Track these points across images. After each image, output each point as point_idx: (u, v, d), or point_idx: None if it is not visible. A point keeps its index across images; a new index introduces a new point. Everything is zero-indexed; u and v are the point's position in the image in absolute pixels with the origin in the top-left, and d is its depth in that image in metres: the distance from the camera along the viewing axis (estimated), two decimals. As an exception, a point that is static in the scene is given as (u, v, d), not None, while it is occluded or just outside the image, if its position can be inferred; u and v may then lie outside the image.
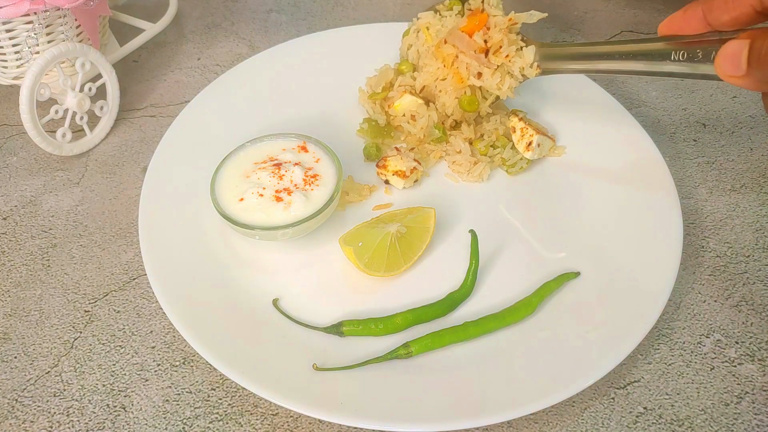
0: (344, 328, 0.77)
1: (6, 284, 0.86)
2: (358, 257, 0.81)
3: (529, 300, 0.79)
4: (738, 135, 1.06)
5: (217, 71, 1.18)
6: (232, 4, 1.35)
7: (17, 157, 1.02)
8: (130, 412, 0.73)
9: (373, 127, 0.99)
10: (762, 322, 0.81)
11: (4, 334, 0.81)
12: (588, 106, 1.02)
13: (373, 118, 1.00)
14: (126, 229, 0.92)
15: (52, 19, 0.94)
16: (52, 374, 0.77)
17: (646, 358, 0.78)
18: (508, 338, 0.77)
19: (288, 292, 0.82)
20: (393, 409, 0.69)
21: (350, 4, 1.35)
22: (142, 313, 0.83)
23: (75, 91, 0.99)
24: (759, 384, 0.76)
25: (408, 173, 0.93)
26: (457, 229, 0.89)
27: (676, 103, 1.12)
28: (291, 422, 0.72)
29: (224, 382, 0.76)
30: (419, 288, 0.82)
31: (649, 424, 0.72)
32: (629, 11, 1.32)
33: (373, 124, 1.00)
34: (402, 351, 0.74)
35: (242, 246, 0.87)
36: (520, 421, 0.72)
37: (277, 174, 0.85)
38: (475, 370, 0.74)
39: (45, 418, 0.73)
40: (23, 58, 0.96)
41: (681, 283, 0.85)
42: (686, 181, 0.98)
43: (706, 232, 0.92)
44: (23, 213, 0.94)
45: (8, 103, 1.11)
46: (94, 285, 0.86)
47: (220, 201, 0.83)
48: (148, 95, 1.14)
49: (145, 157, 1.02)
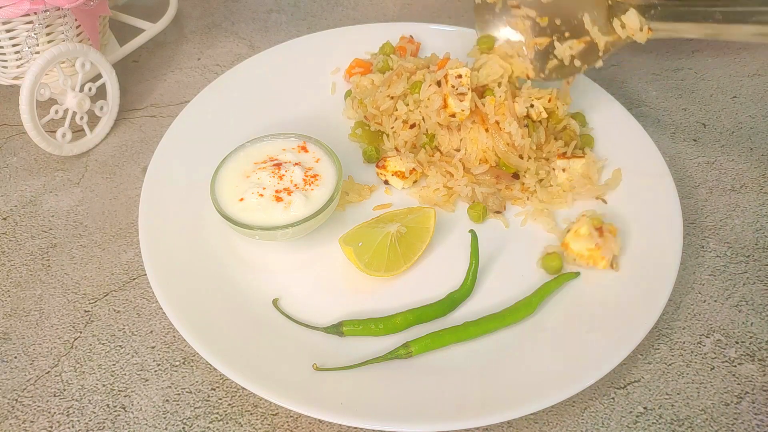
0: (344, 328, 0.77)
1: (6, 284, 0.86)
2: (358, 257, 0.81)
3: (529, 300, 0.79)
4: (738, 135, 1.06)
5: (217, 71, 1.18)
6: (232, 4, 1.35)
7: (17, 157, 1.02)
8: (130, 412, 0.73)
9: (366, 132, 0.99)
10: (762, 322, 0.81)
11: (4, 334, 0.81)
12: (588, 106, 1.02)
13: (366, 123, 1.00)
14: (126, 229, 0.92)
15: (52, 19, 0.94)
16: (52, 374, 0.77)
17: (646, 358, 0.78)
18: (508, 338, 0.77)
19: (288, 292, 0.82)
20: (393, 409, 0.69)
21: (350, 4, 1.35)
22: (142, 313, 0.82)
23: (75, 91, 0.99)
24: (759, 384, 0.76)
25: (407, 174, 0.93)
26: (457, 229, 0.89)
27: (676, 103, 1.12)
28: (291, 422, 0.72)
29: (224, 382, 0.76)
30: (419, 288, 0.82)
31: (649, 424, 0.72)
32: (629, 11, 1.32)
33: (366, 128, 1.00)
34: (402, 351, 0.74)
35: (242, 246, 0.87)
36: (520, 421, 0.72)
37: (277, 174, 0.85)
38: (475, 370, 0.74)
39: (45, 418, 0.73)
40: (23, 58, 0.96)
41: (681, 283, 0.85)
42: (686, 181, 0.98)
43: (706, 232, 0.92)
44: (23, 213, 0.94)
45: (8, 103, 1.11)
46: (94, 285, 0.86)
47: (220, 201, 0.83)
48: (148, 95, 1.14)
49: (145, 157, 1.02)
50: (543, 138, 0.93)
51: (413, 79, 0.96)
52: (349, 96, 1.05)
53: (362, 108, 1.00)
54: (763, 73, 1.17)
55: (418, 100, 0.94)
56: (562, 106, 0.95)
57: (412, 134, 0.95)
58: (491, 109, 0.90)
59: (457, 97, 0.88)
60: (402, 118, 0.95)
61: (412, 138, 0.96)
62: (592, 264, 0.82)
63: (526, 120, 0.92)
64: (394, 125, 0.96)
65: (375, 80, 1.03)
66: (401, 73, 0.98)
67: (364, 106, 1.00)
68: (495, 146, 0.90)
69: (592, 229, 0.82)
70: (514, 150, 0.91)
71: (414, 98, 0.95)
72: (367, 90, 1.02)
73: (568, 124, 0.97)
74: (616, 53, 0.92)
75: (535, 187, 0.92)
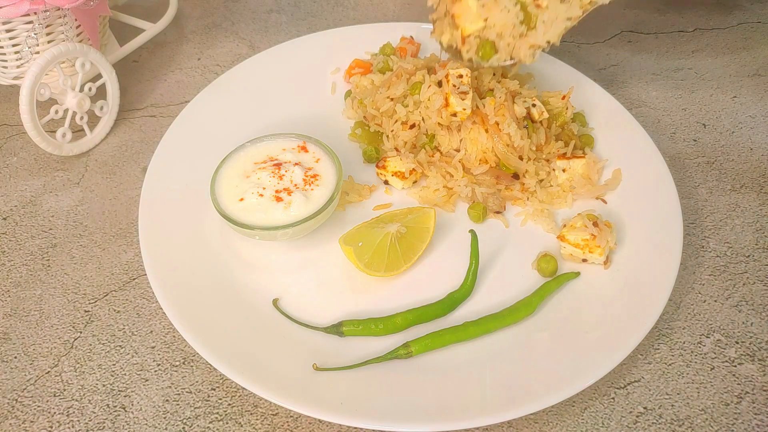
0: (344, 328, 0.77)
1: (6, 284, 0.86)
2: (358, 257, 0.81)
3: (529, 300, 0.79)
4: (738, 135, 1.06)
5: (217, 71, 1.18)
6: (232, 4, 1.35)
7: (17, 157, 1.02)
8: (130, 412, 0.73)
9: (366, 132, 0.99)
10: (762, 322, 0.81)
11: (4, 334, 0.81)
12: (588, 107, 1.02)
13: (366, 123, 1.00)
14: (126, 229, 0.92)
15: (52, 19, 0.94)
16: (52, 374, 0.77)
17: (646, 358, 0.78)
18: (508, 338, 0.77)
19: (288, 292, 0.82)
20: (393, 409, 0.69)
21: (350, 4, 1.35)
22: (142, 313, 0.82)
23: (75, 91, 0.99)
24: (759, 384, 0.76)
25: (407, 174, 0.93)
26: (457, 229, 0.89)
27: (676, 103, 1.12)
28: (291, 422, 0.72)
29: (224, 382, 0.76)
30: (419, 288, 0.82)
31: (649, 424, 0.72)
32: (629, 11, 1.32)
33: (366, 128, 1.00)
34: (402, 351, 0.74)
35: (242, 246, 0.87)
36: (520, 421, 0.72)
37: (277, 174, 0.85)
38: (475, 370, 0.74)
39: (45, 418, 0.73)
40: (23, 58, 0.96)
41: (681, 283, 0.85)
42: (686, 181, 0.98)
43: (706, 232, 0.92)
44: (23, 213, 0.94)
45: (8, 103, 1.11)
46: (94, 285, 0.86)
47: (220, 201, 0.83)
48: (148, 95, 1.14)
49: (145, 157, 1.02)
50: (543, 139, 0.93)
51: (413, 80, 0.96)
52: (349, 96, 1.05)
53: (362, 108, 1.00)
54: (763, 73, 1.17)
55: (418, 102, 0.94)
56: (570, 107, 0.95)
57: (411, 135, 0.95)
58: (491, 110, 0.90)
59: (458, 96, 0.88)
60: (402, 120, 0.95)
61: (411, 138, 0.96)
62: (589, 252, 0.82)
63: (525, 121, 0.92)
64: (394, 127, 0.96)
65: (375, 80, 1.03)
66: (401, 75, 0.98)
67: (363, 107, 1.00)
68: (495, 147, 0.90)
69: (587, 220, 0.83)
70: (514, 151, 0.91)
71: (414, 99, 0.95)
72: (367, 90, 1.02)
73: (567, 125, 0.97)
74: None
75: (535, 187, 0.92)
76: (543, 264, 0.83)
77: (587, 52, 1.22)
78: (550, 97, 0.97)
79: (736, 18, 1.30)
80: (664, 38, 1.26)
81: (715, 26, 1.28)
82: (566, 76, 1.06)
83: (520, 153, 0.91)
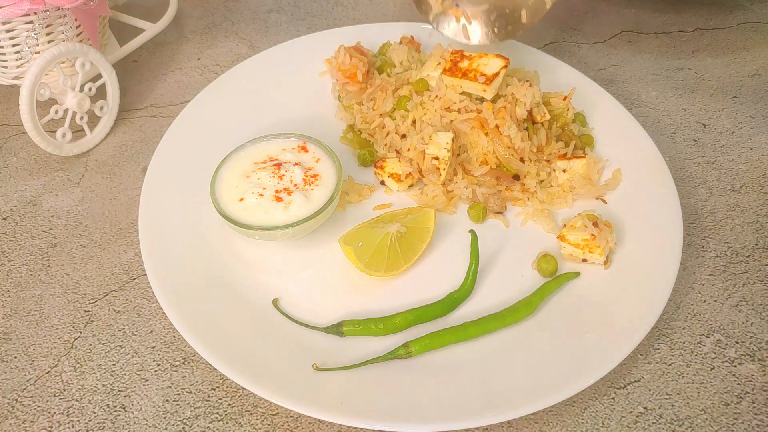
0: (344, 328, 0.77)
1: (6, 284, 0.86)
2: (358, 257, 0.81)
3: (529, 300, 0.79)
4: (738, 135, 1.06)
5: (217, 71, 1.18)
6: (232, 4, 1.35)
7: (17, 157, 1.02)
8: (130, 412, 0.73)
9: (357, 137, 0.99)
10: (762, 322, 0.81)
11: (4, 334, 0.81)
12: (588, 106, 1.02)
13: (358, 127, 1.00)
14: (126, 229, 0.92)
15: (52, 19, 0.94)
16: (52, 374, 0.77)
17: (646, 358, 0.78)
18: (508, 338, 0.77)
19: (288, 292, 0.82)
20: (393, 409, 0.69)
21: (350, 4, 1.35)
22: (142, 313, 0.83)
23: (75, 91, 0.99)
24: (759, 384, 0.76)
25: (403, 177, 0.93)
26: (457, 229, 0.89)
27: (676, 103, 1.12)
28: (291, 422, 0.72)
29: (224, 382, 0.76)
30: (419, 288, 0.82)
31: (649, 424, 0.72)
32: (629, 11, 1.32)
33: (357, 133, 1.00)
34: (402, 351, 0.74)
35: (242, 246, 0.87)
36: (520, 421, 0.72)
37: (277, 174, 0.85)
38: (475, 370, 0.74)
39: (45, 418, 0.73)
40: (23, 58, 0.96)
41: (681, 283, 0.85)
42: (686, 181, 0.98)
43: (706, 232, 0.92)
44: (23, 213, 0.94)
45: (8, 103, 1.11)
46: (94, 285, 0.86)
47: (220, 201, 0.83)
48: (148, 95, 1.14)
49: (145, 157, 1.02)
50: (544, 140, 0.93)
51: (399, 93, 0.97)
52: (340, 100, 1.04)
53: (349, 112, 1.01)
54: (763, 73, 1.17)
55: (405, 116, 0.95)
56: (571, 108, 0.95)
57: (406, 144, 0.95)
58: (490, 114, 0.90)
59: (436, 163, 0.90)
60: (393, 131, 0.96)
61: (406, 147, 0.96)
62: (589, 252, 0.82)
63: (525, 123, 0.92)
64: (386, 140, 0.97)
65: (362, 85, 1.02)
66: (386, 89, 0.98)
67: (351, 112, 1.00)
68: (495, 150, 0.90)
69: (587, 220, 0.83)
70: (515, 153, 0.91)
71: (401, 114, 0.96)
72: (354, 94, 1.02)
73: (568, 125, 0.97)
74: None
75: (536, 187, 0.92)
76: (543, 264, 0.83)
77: (587, 52, 1.22)
78: (551, 98, 0.97)
79: (736, 18, 1.30)
80: (664, 38, 1.26)
81: (715, 26, 1.28)
82: (566, 76, 1.06)
83: (521, 155, 0.91)
